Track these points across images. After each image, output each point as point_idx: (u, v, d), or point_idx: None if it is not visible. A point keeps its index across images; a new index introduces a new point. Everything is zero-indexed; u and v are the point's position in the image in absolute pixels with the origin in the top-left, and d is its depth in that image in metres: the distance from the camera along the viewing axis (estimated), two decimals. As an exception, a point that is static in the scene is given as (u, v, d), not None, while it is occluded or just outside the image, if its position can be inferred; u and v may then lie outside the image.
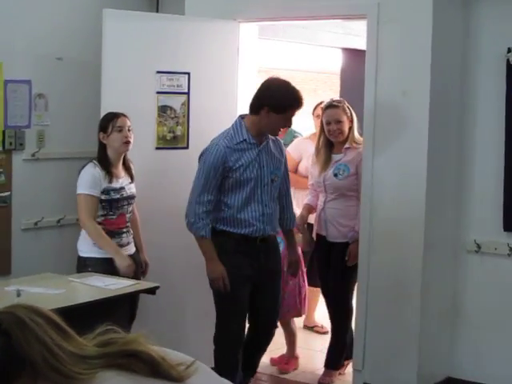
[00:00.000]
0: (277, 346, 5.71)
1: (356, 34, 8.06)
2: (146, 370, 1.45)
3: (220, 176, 4.50)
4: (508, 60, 5.01)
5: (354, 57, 8.71)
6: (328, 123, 5.37)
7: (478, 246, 5.22)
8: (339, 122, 5.35)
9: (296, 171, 6.28)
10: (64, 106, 5.73)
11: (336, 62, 9.35)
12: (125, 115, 4.87)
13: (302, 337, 6.26)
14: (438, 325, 5.31)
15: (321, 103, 6.14)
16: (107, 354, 1.46)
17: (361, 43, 6.30)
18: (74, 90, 5.76)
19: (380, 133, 5.16)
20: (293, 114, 4.55)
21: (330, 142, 5.46)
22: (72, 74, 5.75)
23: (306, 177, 5.88)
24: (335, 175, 5.39)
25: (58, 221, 5.73)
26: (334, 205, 5.44)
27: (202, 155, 4.58)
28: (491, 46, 5.13)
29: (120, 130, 4.80)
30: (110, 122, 4.82)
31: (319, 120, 5.74)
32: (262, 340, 4.95)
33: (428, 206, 5.05)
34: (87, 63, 5.72)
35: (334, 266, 5.46)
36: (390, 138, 5.14)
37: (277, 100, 4.46)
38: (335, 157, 5.45)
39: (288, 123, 4.65)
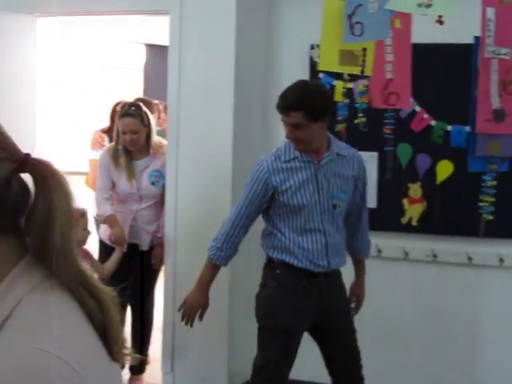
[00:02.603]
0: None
1: (159, 29, 7.94)
2: (98, 324, 1.19)
3: (263, 198, 3.84)
4: (311, 57, 5.07)
5: (158, 52, 8.59)
6: (123, 133, 5.05)
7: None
8: (135, 133, 5.03)
9: None
10: None
11: (138, 58, 9.21)
12: None
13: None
14: (248, 323, 5.30)
15: (118, 104, 5.77)
16: (84, 280, 1.21)
17: (164, 39, 6.19)
18: None
19: (184, 132, 5.09)
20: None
21: None
22: None
23: None
24: (152, 183, 5.16)
25: None
26: (147, 212, 5.21)
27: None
28: (295, 43, 5.18)
29: None
30: None
31: None
32: None
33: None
34: None
35: (148, 273, 5.35)
36: (195, 137, 5.08)
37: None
38: (140, 163, 5.15)
39: None
